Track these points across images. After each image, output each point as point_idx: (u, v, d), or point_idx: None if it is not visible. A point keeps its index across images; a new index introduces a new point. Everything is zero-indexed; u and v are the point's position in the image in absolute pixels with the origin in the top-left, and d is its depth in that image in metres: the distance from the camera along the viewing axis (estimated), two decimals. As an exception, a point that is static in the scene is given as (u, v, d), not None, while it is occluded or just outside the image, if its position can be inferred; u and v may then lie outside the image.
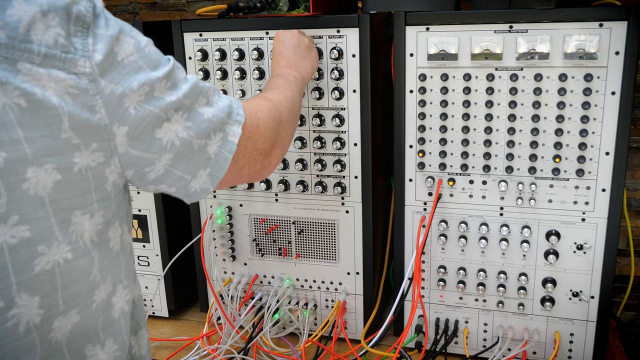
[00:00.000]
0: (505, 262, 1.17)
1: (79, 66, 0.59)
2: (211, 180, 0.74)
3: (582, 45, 1.02)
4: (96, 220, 0.63)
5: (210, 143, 0.72)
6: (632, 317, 1.69)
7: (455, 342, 1.25)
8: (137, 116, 0.64)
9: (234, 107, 0.76)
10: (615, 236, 1.10)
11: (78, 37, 0.59)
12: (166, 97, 0.67)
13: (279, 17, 1.17)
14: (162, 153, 0.68)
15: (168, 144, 0.68)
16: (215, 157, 0.73)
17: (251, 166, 0.79)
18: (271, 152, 0.83)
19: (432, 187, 1.18)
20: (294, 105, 0.95)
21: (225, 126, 0.74)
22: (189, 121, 0.69)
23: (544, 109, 1.08)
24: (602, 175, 1.08)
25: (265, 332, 1.25)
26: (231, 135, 0.74)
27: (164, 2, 1.84)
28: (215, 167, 0.73)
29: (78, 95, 0.58)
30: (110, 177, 0.64)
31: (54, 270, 0.59)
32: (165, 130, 0.67)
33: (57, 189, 0.58)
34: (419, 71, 1.13)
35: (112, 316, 0.69)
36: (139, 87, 0.63)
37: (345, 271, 1.28)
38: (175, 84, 0.68)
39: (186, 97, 0.69)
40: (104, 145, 0.62)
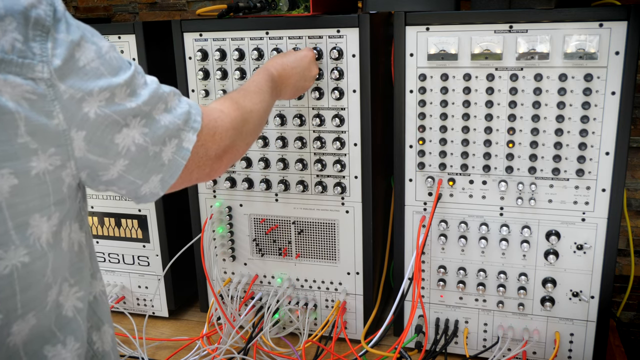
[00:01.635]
0: (505, 262, 1.17)
1: (37, 71, 0.58)
2: (162, 186, 0.74)
3: (582, 45, 1.02)
4: (52, 222, 0.63)
5: (165, 149, 0.71)
6: (632, 317, 1.69)
7: (455, 342, 1.25)
8: (96, 121, 0.63)
9: (192, 114, 0.75)
10: (615, 236, 1.10)
11: (37, 42, 0.58)
12: (126, 103, 0.66)
13: (279, 17, 1.17)
14: (117, 159, 0.67)
15: (124, 150, 0.67)
16: (169, 164, 0.73)
17: (200, 170, 0.79)
18: (222, 157, 0.82)
19: (432, 187, 1.18)
20: (263, 119, 0.95)
21: (181, 133, 0.73)
22: (146, 127, 0.69)
23: (544, 109, 1.08)
24: (602, 175, 1.08)
25: (265, 332, 1.25)
26: (186, 142, 0.74)
27: (164, 2, 1.84)
28: (168, 173, 0.73)
29: (35, 101, 0.58)
30: (67, 179, 0.64)
31: (12, 274, 0.59)
32: (124, 136, 0.67)
33: (14, 193, 0.57)
34: (419, 71, 1.13)
35: (65, 315, 0.68)
36: (99, 93, 0.63)
37: (345, 271, 1.28)
38: (134, 91, 0.68)
39: (145, 104, 0.69)
40: (61, 149, 0.62)
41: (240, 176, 1.29)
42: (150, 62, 1.29)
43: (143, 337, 1.29)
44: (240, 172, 1.29)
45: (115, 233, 1.42)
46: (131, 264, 1.43)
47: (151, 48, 1.29)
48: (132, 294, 1.46)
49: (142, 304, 1.46)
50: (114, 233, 1.42)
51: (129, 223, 1.40)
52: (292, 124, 1.21)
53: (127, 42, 1.28)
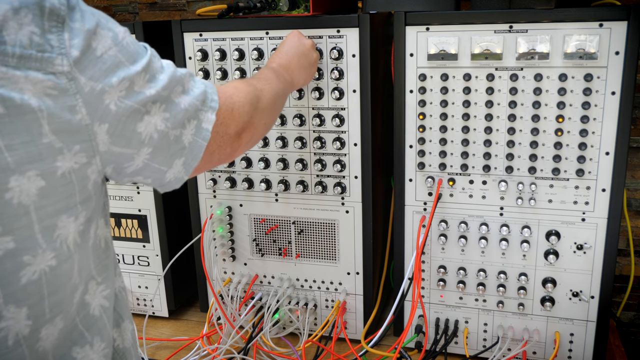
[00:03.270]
0: (505, 262, 1.17)
1: (57, 65, 0.55)
2: (185, 169, 0.73)
3: (582, 45, 1.02)
4: (79, 221, 0.61)
5: (185, 132, 0.70)
6: (632, 317, 1.69)
7: (455, 342, 1.25)
8: (117, 112, 0.62)
9: (209, 93, 0.74)
10: (615, 236, 1.10)
11: (53, 34, 0.56)
12: (146, 90, 0.65)
13: (279, 17, 1.17)
14: (141, 147, 0.66)
15: (147, 138, 0.66)
16: (190, 146, 0.71)
17: (221, 150, 0.78)
18: (242, 135, 0.81)
19: (432, 187, 1.18)
20: (277, 99, 0.93)
21: (200, 113, 0.72)
22: (166, 112, 0.68)
23: (544, 109, 1.08)
24: (602, 175, 1.08)
25: (265, 332, 1.25)
26: (205, 122, 0.73)
27: (164, 2, 1.84)
28: (190, 156, 0.72)
29: (57, 96, 0.56)
30: (92, 176, 0.62)
31: (40, 279, 0.57)
32: (146, 124, 0.65)
33: (41, 196, 0.56)
34: (419, 71, 1.13)
35: (92, 314, 0.67)
36: (119, 83, 0.61)
37: (345, 271, 1.28)
38: (153, 76, 0.66)
39: (164, 89, 0.67)
40: (86, 145, 0.60)
41: (240, 176, 1.29)
42: (150, 62, 1.29)
43: (143, 337, 1.29)
44: (240, 172, 1.29)
45: (115, 233, 1.42)
46: (131, 264, 1.43)
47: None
48: (132, 294, 1.46)
49: (142, 304, 1.46)
50: (114, 233, 1.42)
51: (129, 223, 1.40)
52: (292, 124, 1.21)
53: (127, 42, 1.28)
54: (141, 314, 1.41)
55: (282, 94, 0.97)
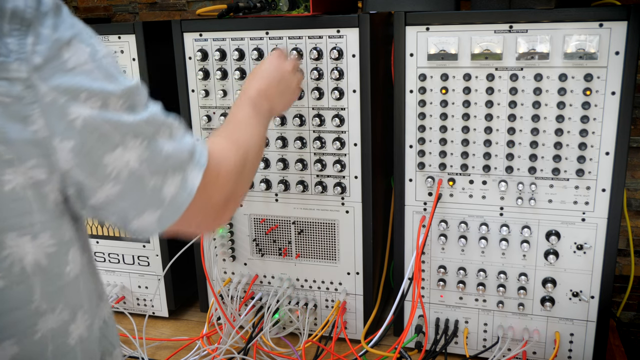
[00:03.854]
0: (505, 262, 1.17)
1: (12, 70, 0.51)
2: (159, 224, 0.64)
3: (582, 45, 1.02)
4: (41, 242, 0.56)
5: (168, 183, 0.62)
6: (632, 317, 1.69)
7: (455, 342, 1.25)
8: (85, 130, 0.55)
9: (198, 149, 0.67)
10: (615, 236, 1.10)
11: (14, 37, 0.51)
12: (122, 115, 0.58)
13: (279, 17, 1.17)
14: (105, 181, 0.59)
15: (114, 172, 0.59)
16: (171, 201, 0.63)
17: (205, 216, 0.69)
18: (227, 206, 0.73)
19: (432, 187, 1.18)
20: (261, 148, 0.87)
21: (187, 167, 0.64)
22: (147, 151, 0.60)
23: (544, 109, 1.08)
24: (602, 175, 1.08)
25: (265, 332, 1.25)
26: (192, 178, 0.65)
27: (164, 2, 1.84)
28: (168, 211, 0.64)
29: (9, 104, 0.51)
30: (51, 195, 0.57)
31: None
32: (116, 157, 0.58)
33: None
34: (419, 71, 1.13)
35: (68, 343, 0.62)
36: (88, 97, 0.55)
37: (345, 271, 1.28)
38: (133, 106, 0.60)
39: (148, 124, 0.61)
40: (44, 161, 0.55)
41: (240, 176, 1.29)
42: (150, 62, 1.29)
43: (143, 337, 1.29)
44: (240, 172, 1.29)
45: (115, 233, 1.42)
46: (131, 264, 1.43)
47: (151, 48, 1.29)
48: (132, 294, 1.46)
49: (142, 304, 1.46)
50: (114, 233, 1.42)
51: (129, 223, 1.40)
52: (292, 124, 1.21)
53: (127, 42, 1.28)
54: (141, 314, 1.41)
55: (264, 135, 0.91)
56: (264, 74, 0.97)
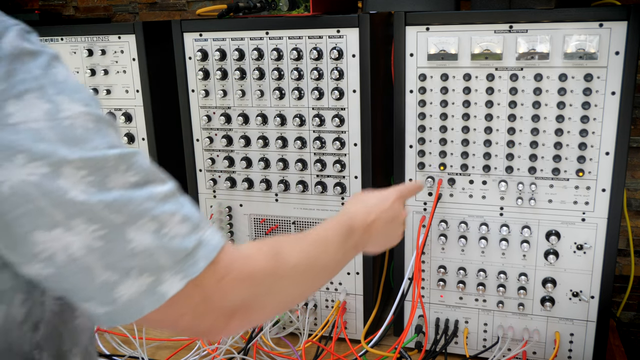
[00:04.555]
0: (505, 262, 1.17)
1: None
2: (106, 319, 0.54)
3: (582, 45, 1.02)
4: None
5: (128, 284, 0.51)
6: (632, 317, 1.69)
7: (455, 342, 1.25)
8: (11, 198, 0.47)
9: (196, 257, 0.55)
10: (615, 236, 1.10)
11: None
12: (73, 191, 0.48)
13: (279, 17, 1.17)
14: (31, 261, 0.50)
15: (44, 254, 0.49)
16: (126, 303, 0.52)
17: (195, 319, 0.57)
18: (232, 316, 0.59)
19: (432, 187, 1.18)
20: (315, 278, 0.72)
21: (163, 272, 0.53)
22: (101, 241, 0.50)
23: (544, 109, 1.08)
24: (602, 175, 1.08)
25: (265, 332, 1.25)
26: (166, 285, 0.53)
27: (164, 2, 1.84)
28: (121, 313, 0.53)
29: None
30: None
31: None
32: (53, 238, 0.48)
33: None
34: (419, 71, 1.13)
35: None
36: (27, 162, 0.46)
37: (345, 271, 1.28)
38: (102, 183, 0.49)
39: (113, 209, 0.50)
40: None
41: (240, 176, 1.29)
42: (150, 62, 1.29)
43: (143, 337, 1.29)
44: (240, 172, 1.29)
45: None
46: (131, 264, 1.43)
47: (151, 48, 1.29)
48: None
49: (142, 304, 1.46)
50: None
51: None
52: (292, 124, 1.21)
53: (127, 42, 1.28)
54: (141, 314, 1.41)
55: (333, 265, 0.76)
56: (379, 209, 0.86)
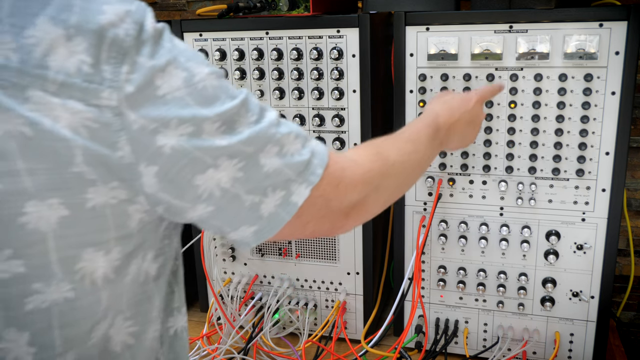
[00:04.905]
0: (505, 262, 1.17)
1: (103, 98, 0.51)
2: (255, 237, 0.63)
3: (582, 45, 1.02)
4: (113, 256, 0.57)
5: (267, 201, 0.61)
6: (632, 317, 1.69)
7: (455, 342, 1.25)
8: (172, 156, 0.55)
9: (313, 164, 0.63)
10: (615, 236, 1.10)
11: (110, 65, 0.52)
12: (215, 140, 0.56)
13: (279, 17, 1.17)
14: (196, 202, 0.58)
15: (205, 194, 0.58)
16: (269, 217, 0.61)
17: (318, 223, 0.66)
18: (349, 214, 0.69)
19: (432, 187, 1.18)
20: (414, 171, 0.80)
21: (291, 184, 0.62)
22: (241, 172, 0.58)
23: (544, 109, 1.08)
24: (602, 175, 1.08)
25: (265, 332, 1.25)
26: (295, 195, 0.62)
27: (164, 2, 1.84)
28: (266, 227, 0.62)
29: (97, 130, 0.52)
30: (136, 215, 0.57)
31: (50, 309, 0.54)
32: (208, 178, 0.57)
33: (63, 225, 0.52)
34: (419, 71, 1.13)
35: (112, 350, 0.62)
36: (178, 125, 0.54)
37: (345, 271, 1.28)
38: (232, 128, 0.58)
39: (246, 144, 0.58)
40: (126, 184, 0.55)
41: (240, 176, 1.29)
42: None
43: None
44: (240, 172, 1.29)
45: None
46: (131, 264, 1.43)
47: (151, 48, 1.29)
48: (132, 294, 1.45)
49: (142, 304, 1.46)
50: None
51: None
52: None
53: (127, 42, 1.28)
54: (141, 314, 1.41)
55: (425, 161, 0.83)
56: (461, 110, 0.91)
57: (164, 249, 0.65)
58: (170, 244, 0.66)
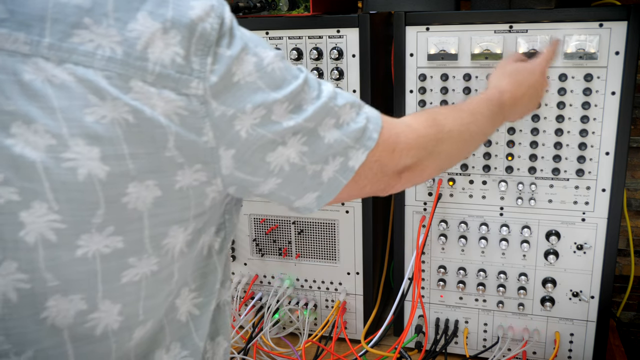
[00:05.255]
0: (505, 262, 1.17)
1: (192, 88, 0.55)
2: (317, 203, 0.68)
3: (582, 45, 1.02)
4: (188, 231, 0.61)
5: (327, 168, 0.65)
6: (632, 317, 1.69)
7: (455, 342, 1.25)
8: (247, 140, 0.59)
9: (368, 130, 0.67)
10: (615, 236, 1.10)
11: (197, 56, 0.56)
12: (284, 121, 0.61)
13: (279, 17, 1.17)
14: (268, 177, 0.63)
15: (276, 169, 0.62)
16: (328, 182, 0.66)
17: (373, 185, 0.71)
18: (401, 174, 0.72)
19: (432, 187, 1.18)
20: (470, 141, 0.82)
21: (349, 150, 0.66)
22: (305, 146, 0.63)
23: (543, 109, 1.08)
24: (602, 175, 1.08)
25: (265, 332, 1.25)
26: (353, 160, 0.66)
27: (164, 2, 1.84)
28: (326, 192, 0.67)
29: (186, 117, 0.56)
30: (211, 194, 0.61)
31: (140, 282, 0.58)
32: (278, 155, 0.62)
33: (156, 205, 0.57)
34: (419, 71, 1.13)
35: (178, 319, 0.66)
36: (253, 110, 0.59)
37: (345, 271, 1.28)
38: (298, 106, 0.62)
39: (309, 120, 0.62)
40: (208, 167, 0.59)
41: (240, 176, 1.29)
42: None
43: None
44: (240, 172, 1.29)
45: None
46: (131, 264, 1.43)
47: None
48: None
49: (142, 304, 1.46)
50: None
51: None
52: (292, 124, 1.21)
53: (127, 42, 1.28)
54: (141, 314, 1.41)
55: (483, 133, 0.85)
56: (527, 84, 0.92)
57: (224, 223, 0.69)
58: (231, 219, 0.70)
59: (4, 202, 0.51)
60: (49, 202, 0.52)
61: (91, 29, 0.52)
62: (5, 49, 0.51)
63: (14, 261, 0.52)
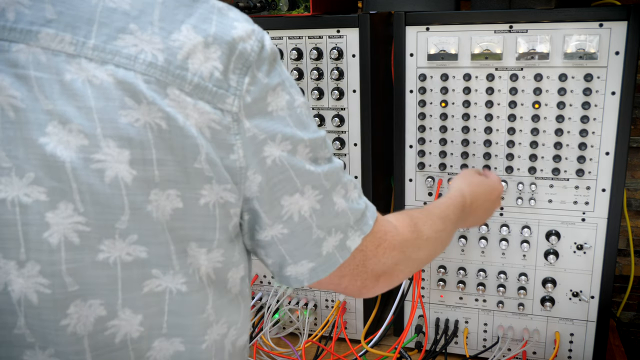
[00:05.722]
0: (505, 262, 1.17)
1: (227, 103, 0.57)
2: (310, 276, 0.67)
3: (582, 45, 1.02)
4: (214, 257, 0.61)
5: (329, 239, 0.66)
6: (632, 317, 1.69)
7: (455, 342, 1.25)
8: (272, 169, 0.61)
9: (367, 216, 0.70)
10: (615, 236, 1.10)
11: (235, 74, 0.57)
12: (306, 164, 0.63)
13: (279, 17, 1.17)
14: (276, 221, 0.63)
15: (286, 215, 0.63)
16: (326, 256, 0.66)
17: (352, 279, 0.70)
18: (379, 277, 0.73)
19: (432, 187, 1.18)
20: (438, 248, 0.85)
21: (349, 230, 0.67)
22: (319, 204, 0.64)
23: (544, 109, 1.08)
24: (602, 175, 1.08)
25: (265, 332, 1.25)
26: (350, 241, 0.67)
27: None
28: (322, 266, 0.67)
29: (219, 132, 0.57)
30: (235, 218, 0.62)
31: (163, 294, 0.58)
32: (293, 201, 0.62)
33: (175, 217, 0.56)
34: (419, 71, 1.13)
35: (223, 357, 0.65)
36: (282, 140, 0.60)
37: (345, 271, 1.28)
38: (315, 157, 0.64)
39: (326, 178, 0.64)
40: (236, 187, 0.60)
41: (240, 176, 1.29)
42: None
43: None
44: (240, 172, 1.29)
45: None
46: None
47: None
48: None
49: (142, 304, 1.46)
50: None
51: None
52: (292, 124, 1.21)
53: (127, 42, 1.28)
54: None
55: (448, 239, 0.88)
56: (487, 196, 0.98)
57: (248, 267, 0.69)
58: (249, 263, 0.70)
59: (31, 202, 0.51)
60: (75, 202, 0.52)
61: (136, 35, 0.54)
62: (50, 49, 0.52)
63: (37, 263, 0.52)
